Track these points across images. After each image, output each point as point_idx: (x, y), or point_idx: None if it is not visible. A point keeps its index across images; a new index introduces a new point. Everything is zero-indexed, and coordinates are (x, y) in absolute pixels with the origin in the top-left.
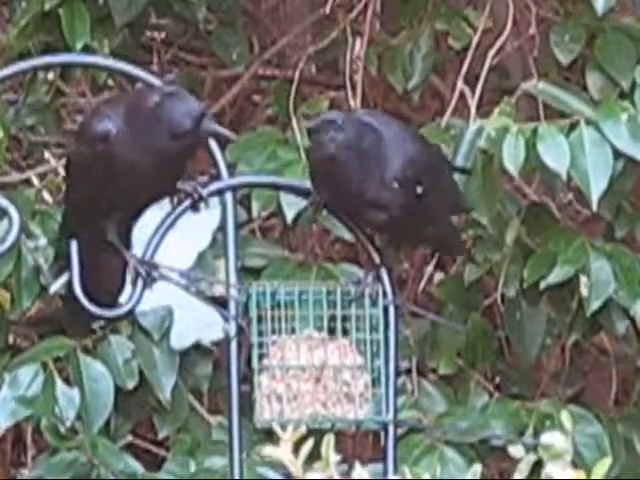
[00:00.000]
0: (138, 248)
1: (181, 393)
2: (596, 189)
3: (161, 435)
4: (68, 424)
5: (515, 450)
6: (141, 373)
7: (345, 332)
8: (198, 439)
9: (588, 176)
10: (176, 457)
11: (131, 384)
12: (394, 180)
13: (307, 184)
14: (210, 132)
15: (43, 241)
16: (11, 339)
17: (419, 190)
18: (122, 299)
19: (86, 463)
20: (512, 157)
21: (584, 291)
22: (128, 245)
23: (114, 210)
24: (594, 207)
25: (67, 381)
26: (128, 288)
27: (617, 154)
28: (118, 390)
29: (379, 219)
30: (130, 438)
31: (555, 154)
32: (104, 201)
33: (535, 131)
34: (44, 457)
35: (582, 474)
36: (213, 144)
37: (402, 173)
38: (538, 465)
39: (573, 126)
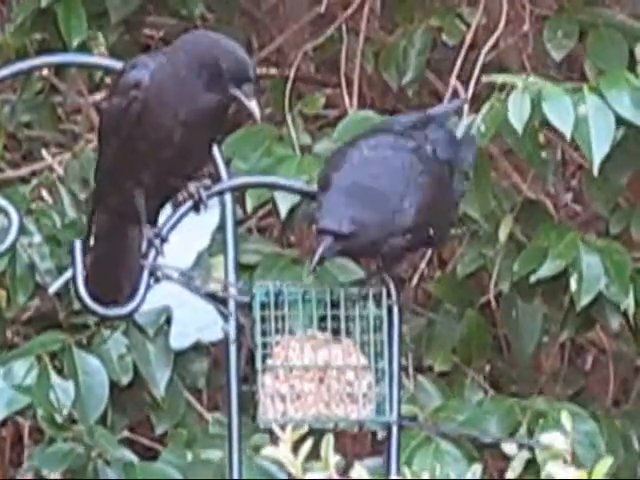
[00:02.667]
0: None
1: (178, 390)
2: (598, 153)
3: (158, 431)
4: (65, 412)
5: (508, 447)
6: (137, 369)
7: (348, 332)
8: (195, 434)
9: (590, 140)
10: (173, 448)
11: (126, 379)
12: (406, 232)
13: (307, 186)
14: (241, 95)
15: (38, 238)
16: (9, 336)
17: (431, 232)
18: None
19: (82, 454)
20: (517, 113)
21: (573, 285)
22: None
23: (144, 169)
24: (595, 172)
25: (62, 376)
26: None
27: (619, 123)
28: (114, 386)
29: (385, 259)
30: (127, 434)
31: (560, 113)
32: (134, 156)
33: (540, 92)
34: (40, 448)
35: (584, 474)
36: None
37: (415, 223)
38: (532, 463)
39: (576, 93)
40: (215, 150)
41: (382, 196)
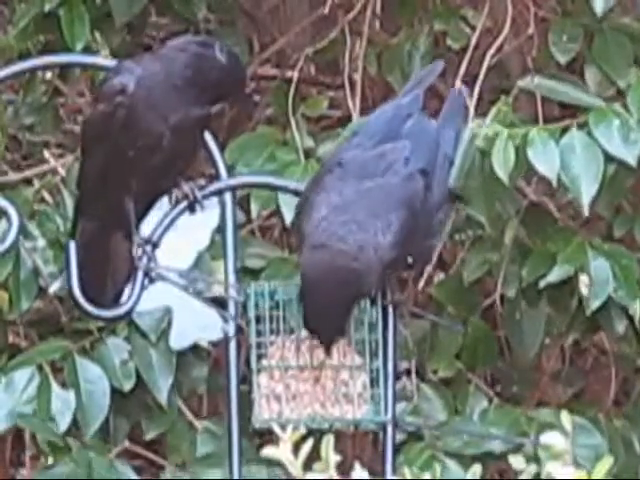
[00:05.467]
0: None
1: (171, 395)
2: (587, 194)
3: (148, 437)
4: (64, 427)
5: (516, 461)
6: (138, 374)
7: None
8: (193, 448)
9: (579, 181)
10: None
11: (128, 386)
12: (386, 266)
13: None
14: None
15: (41, 242)
16: (10, 339)
17: (410, 261)
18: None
19: (82, 474)
20: (502, 163)
21: (584, 290)
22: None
23: (132, 175)
24: (585, 212)
25: (64, 384)
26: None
27: (609, 158)
28: (116, 391)
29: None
30: (127, 444)
31: (545, 159)
32: (122, 163)
33: (525, 136)
34: (40, 470)
35: (583, 474)
36: (212, 144)
37: (393, 257)
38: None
39: (564, 130)
40: (215, 151)
41: (356, 248)
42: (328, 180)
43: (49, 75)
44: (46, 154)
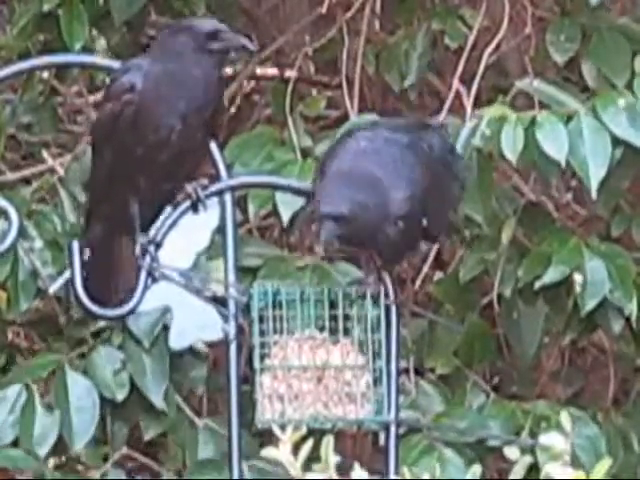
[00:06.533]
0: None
1: (170, 395)
2: (595, 177)
3: (147, 437)
4: (46, 449)
5: (510, 452)
6: (133, 379)
7: (346, 332)
8: (188, 454)
9: (587, 164)
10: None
11: (121, 396)
12: (399, 219)
13: (306, 185)
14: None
15: (39, 243)
16: (10, 337)
17: (424, 222)
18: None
19: None
20: (511, 145)
21: (578, 289)
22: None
23: (140, 175)
24: (593, 195)
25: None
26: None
27: (616, 142)
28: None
29: (383, 252)
30: (125, 450)
31: (554, 142)
32: (130, 162)
33: (534, 120)
34: None
35: (582, 474)
36: (213, 144)
37: (408, 210)
38: (534, 467)
39: (571, 116)
40: (215, 151)
41: (375, 184)
42: (359, 132)
43: (46, 75)
44: (44, 154)
